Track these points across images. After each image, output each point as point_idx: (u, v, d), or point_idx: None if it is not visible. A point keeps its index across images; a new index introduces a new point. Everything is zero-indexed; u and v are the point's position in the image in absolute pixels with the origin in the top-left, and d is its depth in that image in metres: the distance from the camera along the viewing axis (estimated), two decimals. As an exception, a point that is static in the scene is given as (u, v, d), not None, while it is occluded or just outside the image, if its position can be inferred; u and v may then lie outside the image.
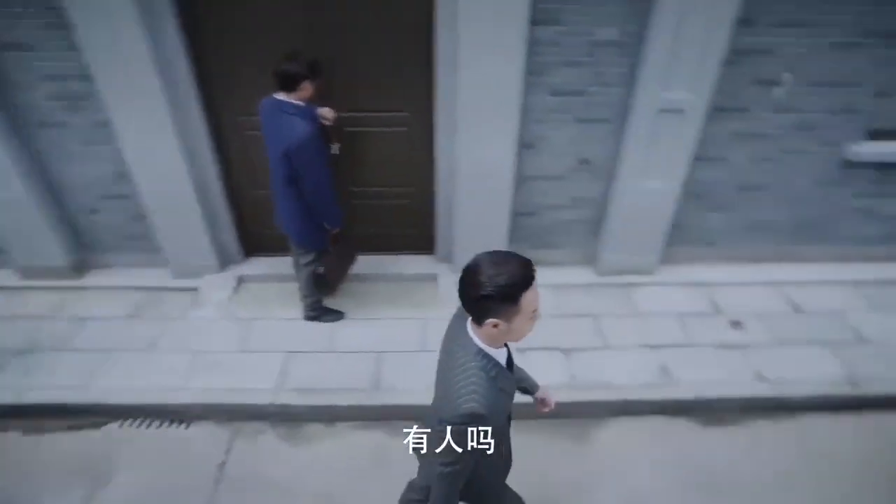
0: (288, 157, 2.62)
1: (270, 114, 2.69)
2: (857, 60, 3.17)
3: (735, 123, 3.37)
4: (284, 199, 2.84)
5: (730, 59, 3.09)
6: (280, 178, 2.75)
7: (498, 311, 1.31)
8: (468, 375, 1.39)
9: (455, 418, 1.36)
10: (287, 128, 2.61)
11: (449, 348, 1.52)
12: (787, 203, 3.74)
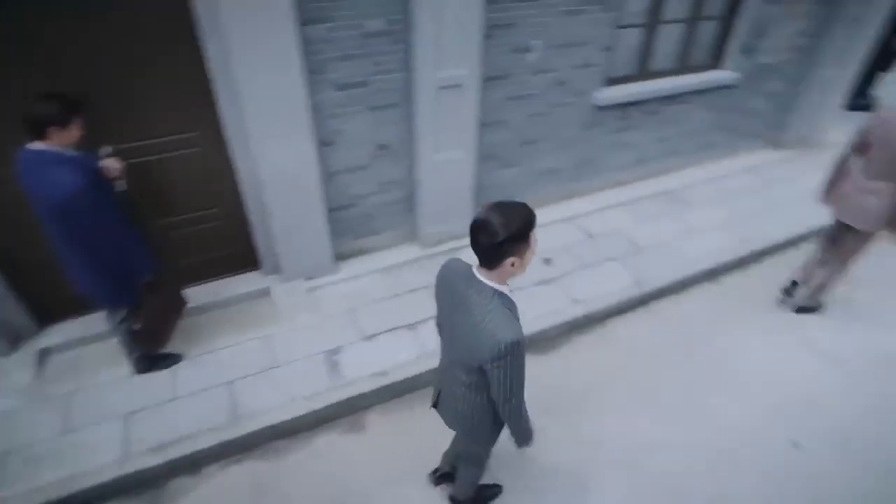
0: (61, 215, 2.27)
1: (30, 168, 2.28)
2: (584, 24, 3.78)
3: (506, 89, 3.80)
4: (71, 257, 2.47)
5: (488, 33, 3.47)
6: (58, 237, 2.38)
7: (514, 250, 1.52)
8: (495, 315, 1.57)
9: (503, 353, 1.53)
10: (51, 183, 2.24)
11: (460, 304, 1.65)
12: (561, 149, 4.36)
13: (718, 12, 4.54)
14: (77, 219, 2.31)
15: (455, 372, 1.81)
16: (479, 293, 1.61)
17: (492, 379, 1.64)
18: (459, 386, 1.83)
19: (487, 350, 1.56)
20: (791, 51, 5.03)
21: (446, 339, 1.87)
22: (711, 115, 4.97)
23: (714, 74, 4.72)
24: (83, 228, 2.35)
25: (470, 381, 1.77)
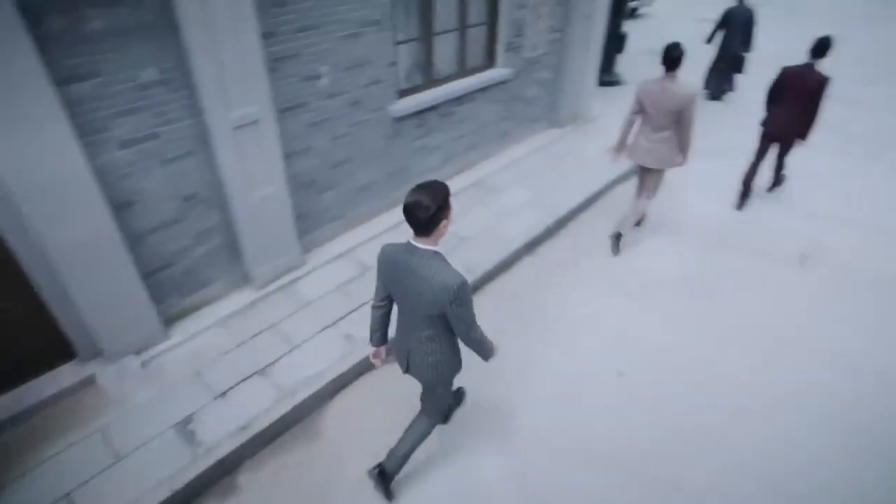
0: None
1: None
2: (365, 45, 3.99)
3: (304, 116, 3.86)
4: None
5: (273, 67, 3.50)
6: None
7: (443, 215, 1.97)
8: (440, 269, 2.01)
9: (457, 292, 1.98)
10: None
11: (409, 271, 2.08)
12: (372, 163, 4.55)
13: (483, 19, 5.10)
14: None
15: (419, 334, 2.27)
16: (421, 257, 2.05)
17: (453, 318, 2.10)
18: (426, 342, 2.28)
19: (444, 295, 2.00)
20: (548, 44, 5.84)
21: (405, 308, 2.27)
22: (497, 107, 5.57)
23: (491, 73, 5.30)
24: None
25: (433, 332, 2.24)
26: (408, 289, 2.14)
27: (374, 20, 3.97)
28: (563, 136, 6.49)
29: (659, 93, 3.98)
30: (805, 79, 4.66)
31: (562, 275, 4.45)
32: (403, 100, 4.55)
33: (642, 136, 4.25)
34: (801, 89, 4.68)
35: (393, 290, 2.26)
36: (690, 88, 3.94)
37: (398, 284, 2.19)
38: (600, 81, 8.03)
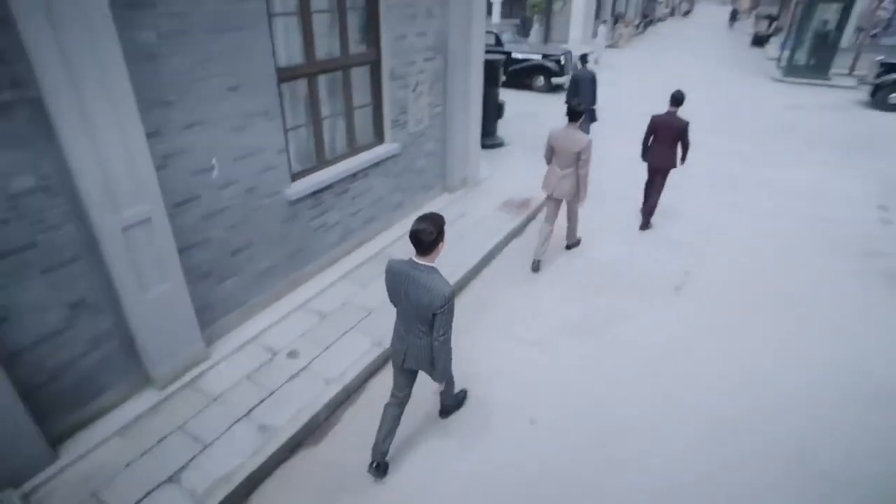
0: None
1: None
2: (255, 134, 4.11)
3: (198, 209, 3.86)
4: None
5: (163, 164, 3.50)
6: None
7: (440, 239, 2.69)
8: (436, 280, 2.69)
9: (446, 300, 2.65)
10: None
11: (411, 281, 2.76)
12: (271, 247, 4.58)
13: (368, 101, 5.44)
14: None
15: (416, 331, 2.90)
16: (421, 271, 2.73)
17: (437, 319, 2.72)
18: (421, 337, 2.90)
19: (438, 300, 2.65)
20: (431, 118, 6.31)
21: (404, 310, 2.91)
22: (390, 181, 5.86)
23: (380, 149, 5.61)
24: None
25: (428, 329, 2.84)
26: (409, 294, 2.80)
27: (262, 111, 4.12)
28: (456, 200, 6.91)
29: (564, 138, 5.12)
30: (670, 123, 5.97)
31: (465, 334, 4.66)
32: (297, 182, 4.68)
33: (553, 171, 5.33)
34: (667, 131, 6.00)
35: (395, 297, 2.95)
36: (586, 137, 5.08)
37: (400, 291, 2.86)
38: (484, 145, 8.69)
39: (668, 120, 5.99)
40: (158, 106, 3.43)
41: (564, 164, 5.17)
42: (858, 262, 6.04)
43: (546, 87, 14.21)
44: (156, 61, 3.35)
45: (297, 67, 4.49)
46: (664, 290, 5.38)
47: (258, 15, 3.90)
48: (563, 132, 5.14)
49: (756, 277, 5.63)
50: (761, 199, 7.68)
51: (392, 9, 5.19)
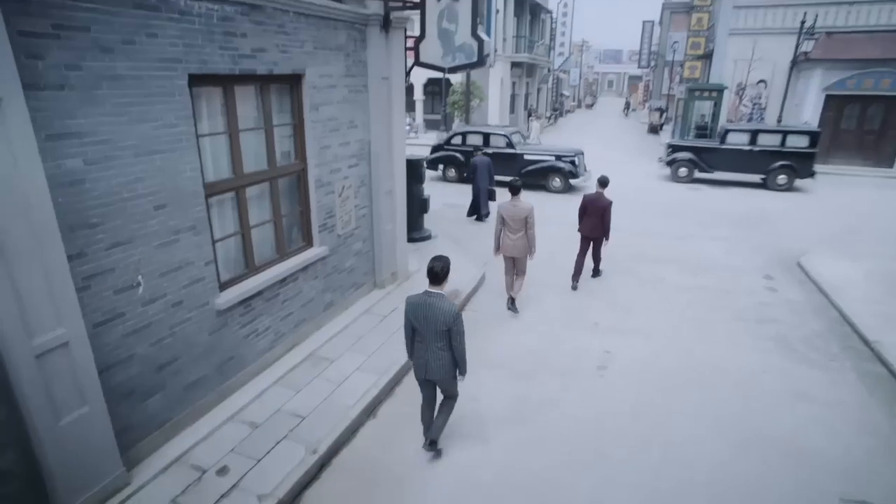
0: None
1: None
2: (182, 248, 4.18)
3: (122, 327, 3.79)
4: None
5: (84, 285, 3.48)
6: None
7: (448, 272, 3.87)
8: (445, 303, 3.80)
9: (455, 316, 3.79)
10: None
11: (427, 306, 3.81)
12: (199, 359, 4.50)
13: (295, 207, 5.66)
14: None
15: (435, 347, 3.92)
16: (435, 297, 3.83)
17: (453, 333, 3.85)
18: (439, 352, 3.93)
19: (450, 317, 3.78)
20: (358, 220, 6.59)
21: (424, 332, 3.91)
22: (319, 282, 5.98)
23: (309, 253, 5.77)
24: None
25: (444, 344, 3.90)
26: (427, 317, 3.84)
27: (189, 226, 4.22)
28: (387, 295, 7.09)
29: (511, 209, 6.50)
30: (598, 201, 7.45)
31: (405, 430, 4.68)
32: (226, 291, 4.72)
33: (506, 237, 6.63)
34: (596, 207, 7.45)
35: (416, 322, 3.93)
36: (529, 204, 6.50)
37: (420, 316, 3.88)
38: (413, 239, 9.08)
39: (596, 198, 7.47)
40: (83, 228, 3.46)
41: (515, 229, 6.53)
42: (756, 329, 6.69)
43: (563, 187, 14.27)
44: (82, 185, 3.43)
45: (225, 182, 4.67)
46: (588, 371, 5.69)
47: (187, 136, 4.11)
48: (509, 204, 6.52)
49: (670, 352, 6.08)
50: (670, 274, 8.42)
51: (317, 123, 5.58)
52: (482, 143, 14.77)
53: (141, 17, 3.63)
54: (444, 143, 15.60)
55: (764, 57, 19.36)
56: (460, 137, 15.34)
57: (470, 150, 14.44)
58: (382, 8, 6.14)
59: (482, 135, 15.01)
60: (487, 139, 14.85)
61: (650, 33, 45.49)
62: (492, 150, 14.05)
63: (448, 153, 15.38)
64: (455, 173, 15.33)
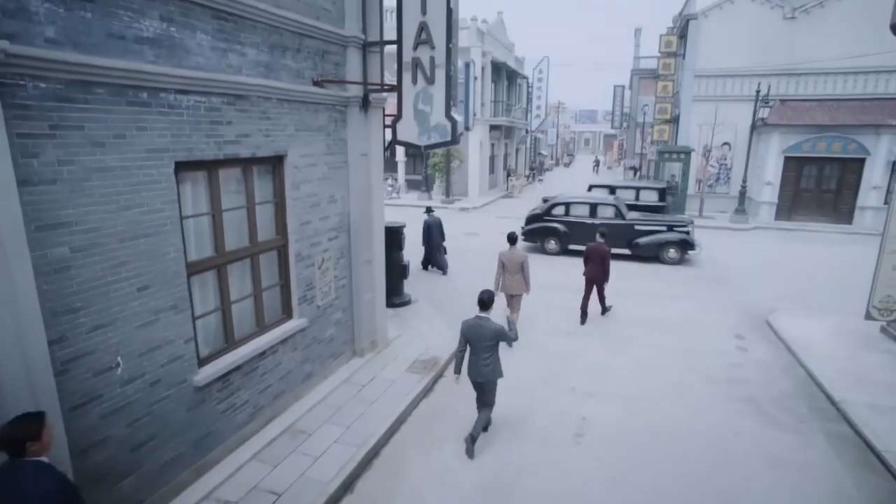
0: None
1: None
2: (162, 328, 4.27)
3: (99, 409, 3.82)
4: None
5: (63, 369, 3.55)
6: None
7: (493, 301, 5.34)
8: (493, 324, 5.23)
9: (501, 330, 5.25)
10: None
11: (478, 327, 5.21)
12: (175, 437, 4.49)
13: (276, 281, 5.81)
14: None
15: (483, 356, 5.25)
16: (485, 320, 5.21)
17: (501, 339, 5.27)
18: (486, 360, 5.26)
19: (496, 333, 5.21)
20: (337, 290, 6.74)
21: (476, 347, 5.24)
22: (299, 354, 6.05)
23: (288, 325, 5.87)
24: None
25: (490, 354, 5.26)
26: (479, 335, 5.20)
27: (171, 306, 4.34)
28: (366, 364, 7.14)
29: (509, 255, 8.07)
30: (599, 249, 8.99)
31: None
32: (205, 367, 4.78)
33: (505, 278, 8.14)
34: (597, 254, 8.97)
35: (470, 338, 5.26)
36: (524, 253, 8.22)
37: (473, 334, 5.22)
38: (393, 304, 9.21)
39: (597, 247, 9.02)
40: (65, 313, 3.57)
41: (513, 271, 8.06)
42: (727, 390, 6.85)
43: (678, 258, 13.45)
44: (67, 272, 3.56)
45: (207, 260, 4.83)
46: (565, 439, 5.75)
47: (171, 220, 4.29)
48: (508, 253, 8.10)
49: (645, 417, 6.19)
50: (644, 337, 8.62)
51: (297, 200, 5.82)
52: (588, 213, 13.96)
53: (132, 113, 3.89)
54: (544, 214, 14.58)
55: (726, 121, 20.53)
56: (563, 208, 14.34)
57: (574, 220, 13.97)
58: (362, 90, 6.56)
59: (588, 205, 14.14)
60: (594, 209, 13.98)
61: (621, 96, 47.90)
62: (599, 221, 13.42)
63: (548, 224, 14.33)
64: (556, 245, 14.31)
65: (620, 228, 13.54)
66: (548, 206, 14.77)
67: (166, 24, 4.08)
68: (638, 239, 13.56)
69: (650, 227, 13.68)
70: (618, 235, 13.17)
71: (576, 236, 13.91)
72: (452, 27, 6.04)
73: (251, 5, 4.82)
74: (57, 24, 3.35)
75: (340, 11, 6.22)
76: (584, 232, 13.46)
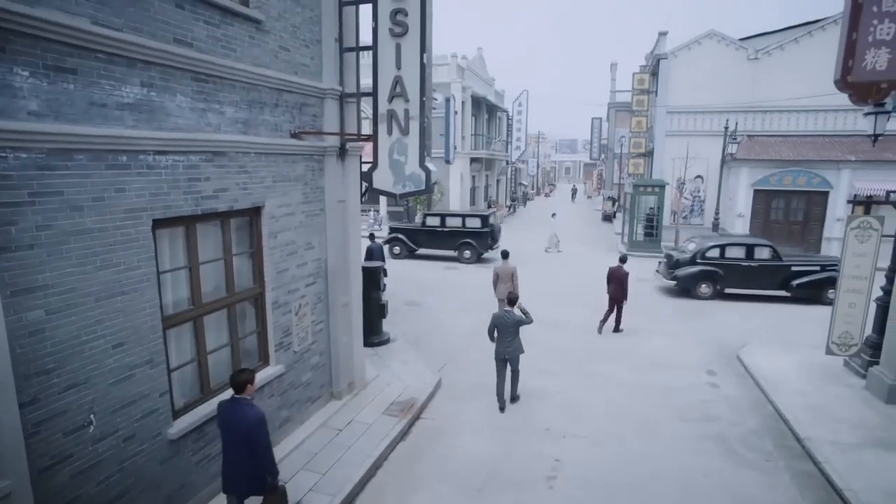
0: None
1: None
2: (138, 383, 4.31)
3: (69, 469, 3.82)
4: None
5: (34, 431, 3.57)
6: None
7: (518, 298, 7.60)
8: (517, 315, 7.37)
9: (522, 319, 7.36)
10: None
11: (506, 318, 7.30)
12: (149, 492, 4.48)
13: (252, 329, 5.87)
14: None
15: (509, 339, 7.29)
16: (510, 312, 7.34)
17: (522, 324, 7.32)
18: (511, 341, 7.31)
19: (520, 320, 7.31)
20: (314, 335, 6.82)
21: (503, 332, 7.30)
22: (275, 400, 6.08)
23: (266, 371, 5.92)
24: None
25: (514, 336, 7.32)
26: (505, 323, 7.24)
27: (146, 361, 4.39)
28: (343, 407, 7.17)
29: (503, 267, 10.45)
30: (618, 272, 10.67)
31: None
32: (180, 419, 4.80)
33: (499, 286, 10.39)
34: (617, 276, 10.65)
35: (498, 325, 7.29)
36: (513, 265, 10.54)
37: (501, 322, 7.27)
38: (372, 343, 9.28)
39: (617, 270, 10.71)
40: (38, 375, 3.61)
41: (505, 280, 10.31)
42: (698, 429, 7.01)
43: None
44: (42, 334, 3.62)
45: (184, 313, 4.90)
46: (538, 483, 5.83)
47: (148, 276, 4.38)
48: (501, 265, 10.57)
49: (617, 458, 6.30)
50: (620, 372, 8.78)
51: (274, 249, 5.94)
52: (744, 255, 13.68)
53: (111, 176, 4.02)
54: (697, 257, 14.02)
55: (698, 155, 21.26)
56: (718, 250, 13.88)
57: (729, 263, 13.67)
58: (339, 141, 6.77)
59: (745, 246, 13.84)
60: (751, 251, 13.69)
61: (599, 128, 49.16)
62: (756, 263, 13.53)
63: (704, 268, 13.83)
64: (710, 289, 13.80)
65: (775, 269, 13.47)
66: (702, 248, 14.16)
67: (147, 90, 4.25)
68: (794, 280, 13.37)
69: (807, 267, 13.45)
70: (771, 276, 13.45)
71: (732, 279, 13.70)
72: (426, 81, 6.30)
73: (230, 66, 5.02)
74: (40, 98, 3.49)
75: (318, 66, 6.46)
76: (741, 274, 13.56)
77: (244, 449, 4.11)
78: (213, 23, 4.86)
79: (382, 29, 6.25)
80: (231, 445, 4.19)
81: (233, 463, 4.23)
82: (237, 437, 4.11)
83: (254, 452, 4.12)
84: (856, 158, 18.77)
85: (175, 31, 4.47)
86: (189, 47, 4.61)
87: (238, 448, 4.14)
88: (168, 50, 4.34)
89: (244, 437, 4.08)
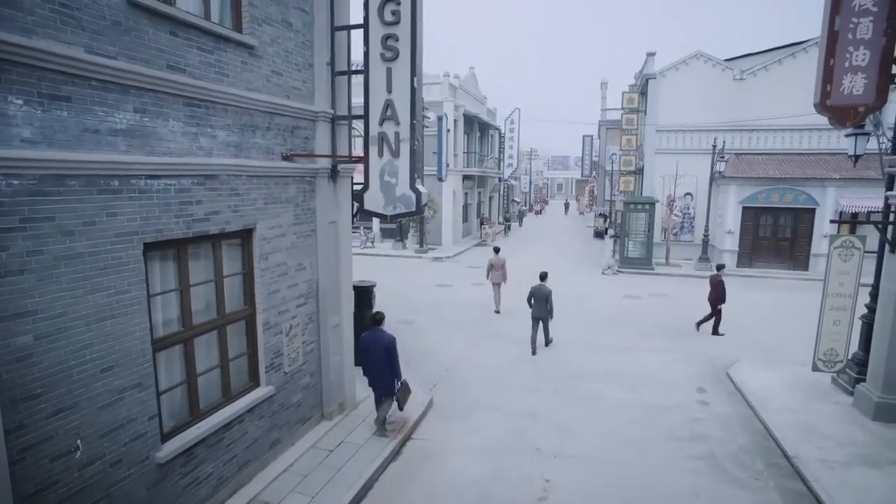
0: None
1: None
2: (126, 407, 4.31)
3: (54, 496, 3.80)
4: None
5: (19, 458, 3.56)
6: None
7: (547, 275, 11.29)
8: (548, 288, 10.82)
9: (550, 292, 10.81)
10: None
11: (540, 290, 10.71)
12: (136, 516, 4.46)
13: (243, 350, 5.88)
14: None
15: (542, 305, 10.68)
16: (543, 285, 10.80)
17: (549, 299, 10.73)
18: (544, 307, 10.70)
19: (551, 292, 10.77)
20: (305, 355, 6.82)
21: (537, 300, 10.70)
22: (265, 421, 6.06)
23: (255, 393, 5.90)
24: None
25: (545, 303, 10.67)
26: (539, 294, 10.67)
27: (135, 384, 4.39)
28: (334, 427, 7.14)
29: (495, 259, 13.82)
30: (715, 279, 11.86)
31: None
32: (169, 442, 4.78)
33: (492, 273, 13.80)
34: (713, 283, 11.82)
35: (535, 295, 10.71)
36: (504, 256, 14.09)
37: (536, 293, 10.70)
38: (356, 363, 9.24)
39: (714, 277, 11.89)
40: (25, 400, 3.61)
41: (497, 268, 13.61)
42: (688, 447, 7.04)
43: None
44: (30, 359, 3.63)
45: (174, 335, 4.91)
46: (529, 502, 5.83)
47: (138, 299, 4.40)
48: (494, 258, 13.69)
49: (607, 479, 6.31)
50: (611, 390, 8.81)
51: (266, 270, 5.98)
52: None
53: (103, 200, 4.06)
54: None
55: (687, 173, 21.51)
56: None
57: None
58: (331, 162, 6.85)
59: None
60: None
61: (590, 146, 49.77)
62: None
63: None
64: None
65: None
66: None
67: (140, 115, 4.32)
68: None
69: None
70: None
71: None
72: (416, 105, 6.41)
73: (223, 91, 5.11)
74: (34, 125, 3.55)
75: (310, 90, 6.57)
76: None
77: (384, 359, 6.70)
78: (206, 49, 4.95)
79: (374, 54, 6.37)
80: (374, 360, 6.74)
81: (375, 371, 6.80)
82: (379, 352, 6.70)
83: (390, 360, 6.73)
84: (840, 176, 19.06)
85: (168, 57, 4.55)
86: (182, 73, 4.69)
87: (379, 360, 6.71)
88: (161, 76, 4.42)
89: (384, 351, 6.69)
